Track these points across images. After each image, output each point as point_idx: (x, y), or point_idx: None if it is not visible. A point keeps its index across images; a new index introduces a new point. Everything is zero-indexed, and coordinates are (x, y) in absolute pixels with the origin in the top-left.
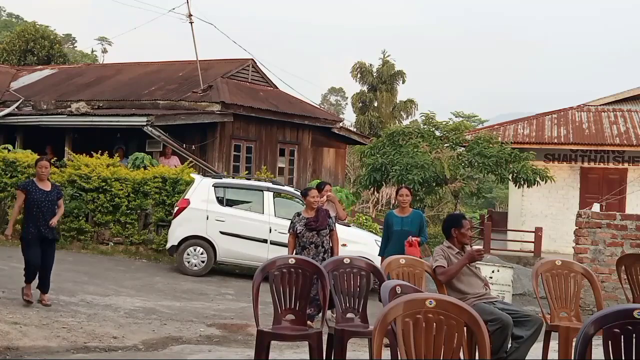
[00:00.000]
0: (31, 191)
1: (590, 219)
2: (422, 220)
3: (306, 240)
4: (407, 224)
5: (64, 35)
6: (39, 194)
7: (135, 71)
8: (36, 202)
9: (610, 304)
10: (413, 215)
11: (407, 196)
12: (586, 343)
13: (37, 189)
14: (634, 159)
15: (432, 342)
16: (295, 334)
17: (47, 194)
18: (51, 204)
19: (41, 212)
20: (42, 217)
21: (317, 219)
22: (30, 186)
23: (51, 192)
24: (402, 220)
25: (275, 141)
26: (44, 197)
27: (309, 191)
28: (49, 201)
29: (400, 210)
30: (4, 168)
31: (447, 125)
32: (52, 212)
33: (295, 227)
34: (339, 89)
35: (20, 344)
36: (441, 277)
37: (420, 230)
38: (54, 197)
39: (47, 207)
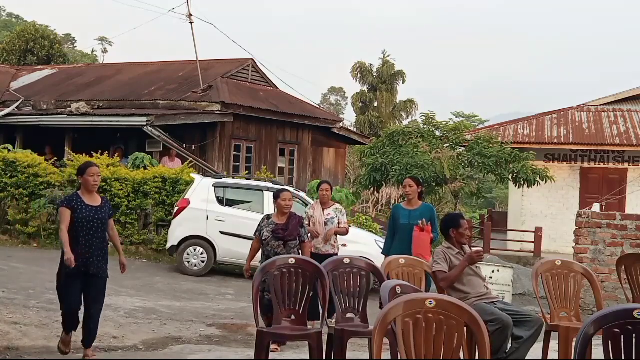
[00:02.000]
0: (77, 209)
1: (590, 219)
2: (433, 215)
3: (271, 250)
4: (416, 217)
5: (64, 35)
6: (87, 211)
7: (135, 71)
8: (83, 224)
9: (610, 304)
10: (423, 208)
11: (410, 187)
12: (586, 343)
13: (84, 205)
14: (634, 159)
15: (432, 342)
16: (295, 334)
17: (97, 212)
18: (102, 226)
19: (90, 238)
20: (90, 245)
21: (287, 228)
22: (76, 202)
23: (102, 209)
24: (410, 213)
25: (275, 141)
26: (93, 216)
27: (281, 193)
28: (100, 221)
29: (408, 203)
30: (4, 168)
31: (447, 125)
32: (103, 238)
33: (262, 232)
34: (339, 89)
35: (20, 344)
36: (442, 284)
37: (431, 226)
38: (105, 215)
39: (97, 231)
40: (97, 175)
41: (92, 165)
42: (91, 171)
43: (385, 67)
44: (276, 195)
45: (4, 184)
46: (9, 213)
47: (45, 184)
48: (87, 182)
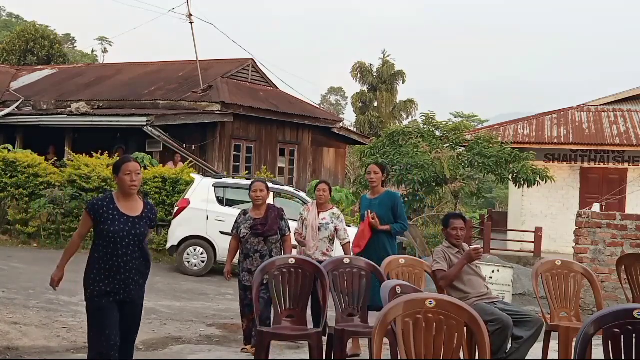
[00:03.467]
0: (106, 219)
1: (590, 219)
2: (396, 203)
3: (250, 248)
4: (375, 207)
5: (63, 35)
6: (120, 223)
7: (135, 71)
8: (115, 238)
9: (610, 304)
10: (383, 196)
11: (375, 173)
12: (586, 343)
13: (117, 215)
14: (634, 159)
15: (432, 342)
16: (295, 334)
17: (135, 224)
18: (140, 243)
19: (122, 260)
20: (124, 268)
21: (266, 222)
22: (107, 209)
23: (141, 221)
24: (371, 202)
25: (275, 141)
26: (129, 231)
27: (252, 184)
28: (137, 238)
29: (372, 192)
30: (4, 168)
31: (447, 125)
32: (142, 256)
33: (240, 229)
34: (339, 89)
35: (20, 344)
36: (442, 283)
37: (394, 215)
38: (144, 227)
39: (133, 250)
40: (136, 173)
41: (129, 161)
42: (127, 168)
43: (385, 67)
44: (250, 188)
45: (4, 184)
46: (9, 213)
47: (45, 184)
48: (122, 182)
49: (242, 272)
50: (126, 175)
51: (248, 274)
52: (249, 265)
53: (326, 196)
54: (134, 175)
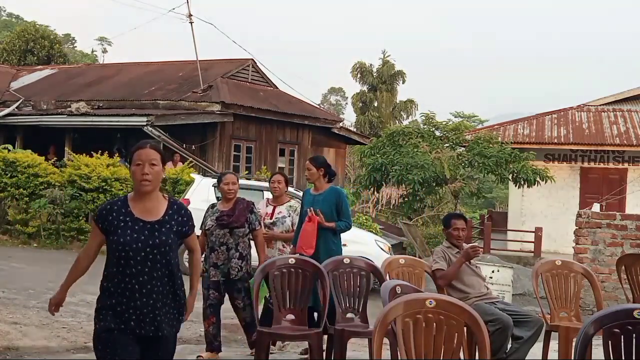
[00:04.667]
0: (117, 226)
1: (590, 219)
2: (339, 199)
3: (215, 240)
4: (319, 203)
5: (63, 35)
6: (133, 231)
7: (135, 71)
8: (125, 252)
9: (610, 304)
10: (327, 192)
11: (309, 170)
12: (586, 343)
13: (130, 219)
14: (634, 159)
15: (432, 342)
16: (295, 334)
17: (153, 231)
18: (160, 254)
19: (137, 275)
20: (139, 287)
21: (232, 213)
22: (116, 214)
23: (162, 225)
24: (314, 198)
25: (275, 141)
26: (145, 240)
27: (223, 176)
28: (156, 247)
29: (315, 187)
30: (4, 168)
31: (447, 125)
32: (169, 274)
33: (206, 222)
34: (339, 89)
35: (20, 344)
36: (441, 282)
37: (338, 212)
38: (168, 234)
39: (152, 263)
40: (151, 164)
41: (142, 147)
42: (138, 156)
43: (385, 67)
44: (218, 179)
45: (4, 184)
46: (9, 213)
47: (45, 184)
48: (133, 176)
49: (209, 268)
50: (137, 165)
51: (214, 269)
52: (214, 259)
53: (281, 188)
54: (146, 167)
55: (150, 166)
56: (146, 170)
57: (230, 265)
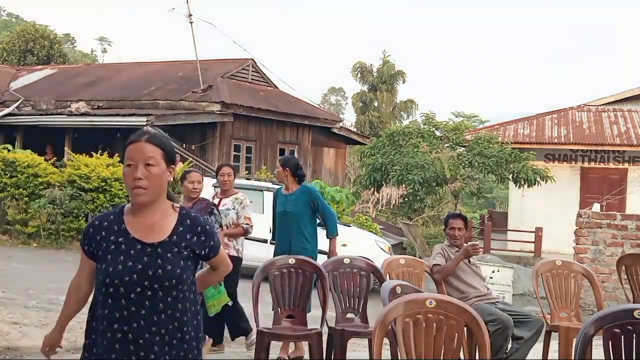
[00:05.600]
0: (107, 250)
1: (591, 219)
2: (313, 198)
3: None
4: (291, 203)
5: (63, 35)
6: (126, 257)
7: (135, 71)
8: (115, 287)
9: (610, 304)
10: (298, 193)
11: (277, 169)
12: (586, 343)
13: (125, 240)
14: (634, 159)
15: (432, 342)
16: (295, 334)
17: (155, 257)
18: (165, 289)
19: (132, 318)
20: (134, 334)
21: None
22: (108, 230)
23: (169, 248)
24: (286, 199)
25: (275, 141)
26: (142, 269)
27: (187, 174)
28: (158, 280)
29: (285, 187)
30: (4, 168)
31: (447, 125)
32: (177, 318)
33: None
34: (339, 89)
35: (20, 344)
36: (437, 276)
37: (314, 211)
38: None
39: (152, 302)
40: (146, 164)
41: (135, 141)
42: (129, 154)
43: (386, 67)
44: (182, 177)
45: (4, 184)
46: (9, 213)
47: (45, 184)
48: (125, 180)
49: None
50: (128, 167)
51: None
52: None
53: (231, 181)
54: (140, 168)
55: (145, 167)
56: (139, 173)
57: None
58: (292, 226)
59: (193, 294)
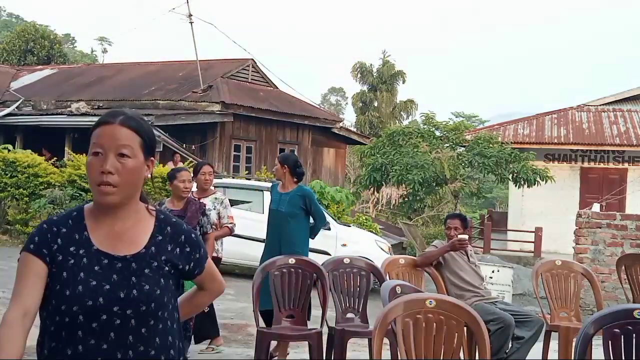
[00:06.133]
0: (61, 269)
1: (590, 219)
2: (307, 201)
3: None
4: (285, 202)
5: (63, 35)
6: (89, 278)
7: (135, 71)
8: (73, 316)
9: (610, 304)
10: (293, 193)
11: (275, 166)
12: (586, 343)
13: (86, 254)
14: (634, 159)
15: (432, 342)
16: (295, 334)
17: (125, 275)
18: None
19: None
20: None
21: (185, 214)
22: (66, 243)
23: (144, 263)
24: (281, 197)
25: (275, 141)
26: (110, 292)
27: (177, 172)
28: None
29: (282, 185)
30: (4, 168)
31: (447, 125)
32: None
33: None
34: (339, 89)
35: None
36: (419, 259)
37: (307, 212)
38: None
39: (122, 333)
40: (119, 153)
41: (108, 122)
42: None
43: (386, 67)
44: (172, 176)
45: (4, 184)
46: (9, 213)
47: (45, 184)
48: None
49: None
50: (94, 155)
51: None
52: None
53: (211, 180)
54: (110, 159)
55: (118, 158)
56: (109, 165)
57: None
58: (283, 225)
59: (176, 324)
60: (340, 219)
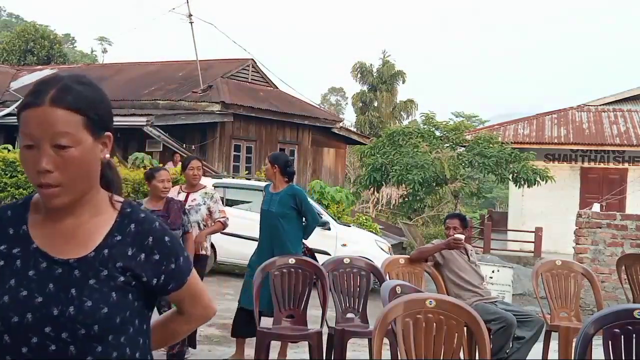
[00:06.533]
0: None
1: (590, 219)
2: (298, 200)
3: None
4: (275, 203)
5: (63, 35)
6: (19, 286)
7: (135, 71)
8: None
9: (610, 304)
10: (283, 193)
11: (265, 165)
12: (586, 343)
13: (24, 255)
14: (634, 159)
15: (432, 342)
16: (295, 334)
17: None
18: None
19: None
20: None
21: (167, 214)
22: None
23: (93, 270)
24: (272, 197)
25: (275, 141)
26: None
27: (156, 172)
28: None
29: (273, 185)
30: (4, 168)
31: (447, 125)
32: None
33: None
34: (339, 89)
35: None
36: (413, 253)
37: (299, 212)
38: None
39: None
40: (56, 144)
41: (35, 103)
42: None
43: (386, 67)
44: (150, 175)
45: (4, 184)
46: None
47: None
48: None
49: None
50: (27, 148)
51: None
52: None
53: (200, 175)
54: (45, 156)
55: (54, 150)
56: (44, 163)
57: None
58: (274, 226)
59: (140, 353)
60: (340, 219)
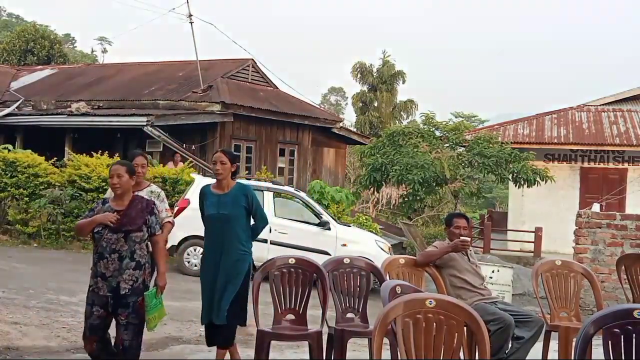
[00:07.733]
0: None
1: (590, 219)
2: (250, 197)
3: (106, 246)
4: (227, 205)
5: (64, 35)
6: None
7: (135, 71)
8: None
9: (610, 304)
10: (234, 192)
11: (222, 163)
12: (586, 343)
13: None
14: (634, 159)
15: (432, 342)
16: (295, 334)
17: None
18: None
19: None
20: None
21: (128, 213)
22: None
23: None
24: (219, 200)
25: (275, 141)
26: None
27: (111, 168)
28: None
29: (218, 185)
30: (4, 168)
31: (447, 125)
32: None
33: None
34: (339, 89)
35: (20, 344)
36: (420, 258)
37: (248, 212)
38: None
39: None
40: None
41: None
42: None
43: (385, 67)
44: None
45: (4, 184)
46: (9, 213)
47: (45, 184)
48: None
49: (94, 278)
50: None
51: (102, 281)
52: (103, 269)
53: (144, 172)
54: None
55: None
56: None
57: (122, 277)
58: (227, 231)
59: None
60: (340, 219)
